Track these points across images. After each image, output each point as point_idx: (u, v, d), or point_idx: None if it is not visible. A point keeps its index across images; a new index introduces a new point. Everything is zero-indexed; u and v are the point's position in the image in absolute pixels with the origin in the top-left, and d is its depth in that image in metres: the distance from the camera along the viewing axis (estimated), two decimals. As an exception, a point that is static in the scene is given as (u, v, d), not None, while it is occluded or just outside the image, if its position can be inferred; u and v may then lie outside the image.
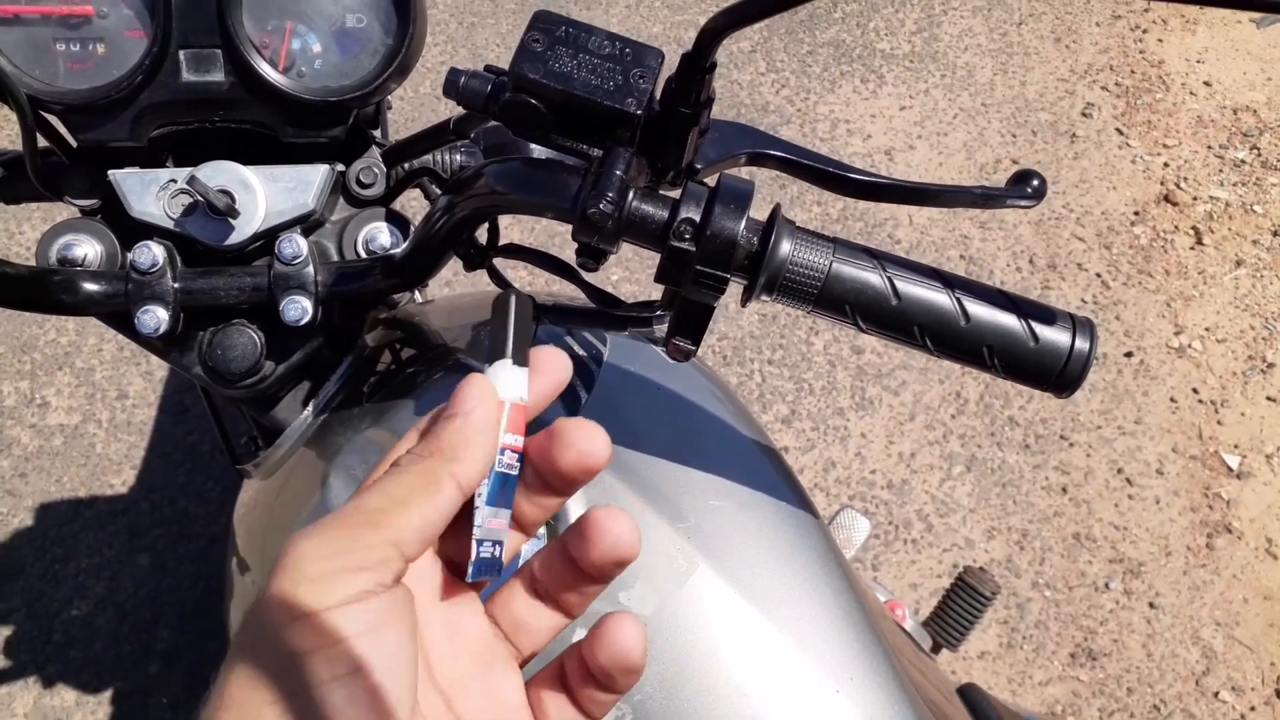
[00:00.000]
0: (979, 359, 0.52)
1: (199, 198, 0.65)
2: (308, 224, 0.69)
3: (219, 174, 0.66)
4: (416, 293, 1.09)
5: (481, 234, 0.72)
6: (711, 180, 0.53)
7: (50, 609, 1.77)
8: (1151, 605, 1.82)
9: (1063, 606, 1.80)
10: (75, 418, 1.95)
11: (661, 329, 0.59)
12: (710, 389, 0.72)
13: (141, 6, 0.65)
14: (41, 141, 0.66)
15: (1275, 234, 2.28)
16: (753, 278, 0.51)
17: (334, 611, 0.30)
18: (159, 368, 2.01)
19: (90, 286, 0.65)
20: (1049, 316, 0.52)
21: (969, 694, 0.73)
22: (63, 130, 0.68)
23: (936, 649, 1.25)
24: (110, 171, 0.67)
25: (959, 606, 1.23)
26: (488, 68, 0.57)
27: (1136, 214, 2.29)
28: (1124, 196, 2.32)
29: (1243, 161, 2.41)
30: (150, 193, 0.67)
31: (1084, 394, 2.03)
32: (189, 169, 0.66)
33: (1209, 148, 2.43)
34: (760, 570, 0.60)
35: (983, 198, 0.57)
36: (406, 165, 0.76)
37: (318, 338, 0.70)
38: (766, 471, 0.67)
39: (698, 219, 0.50)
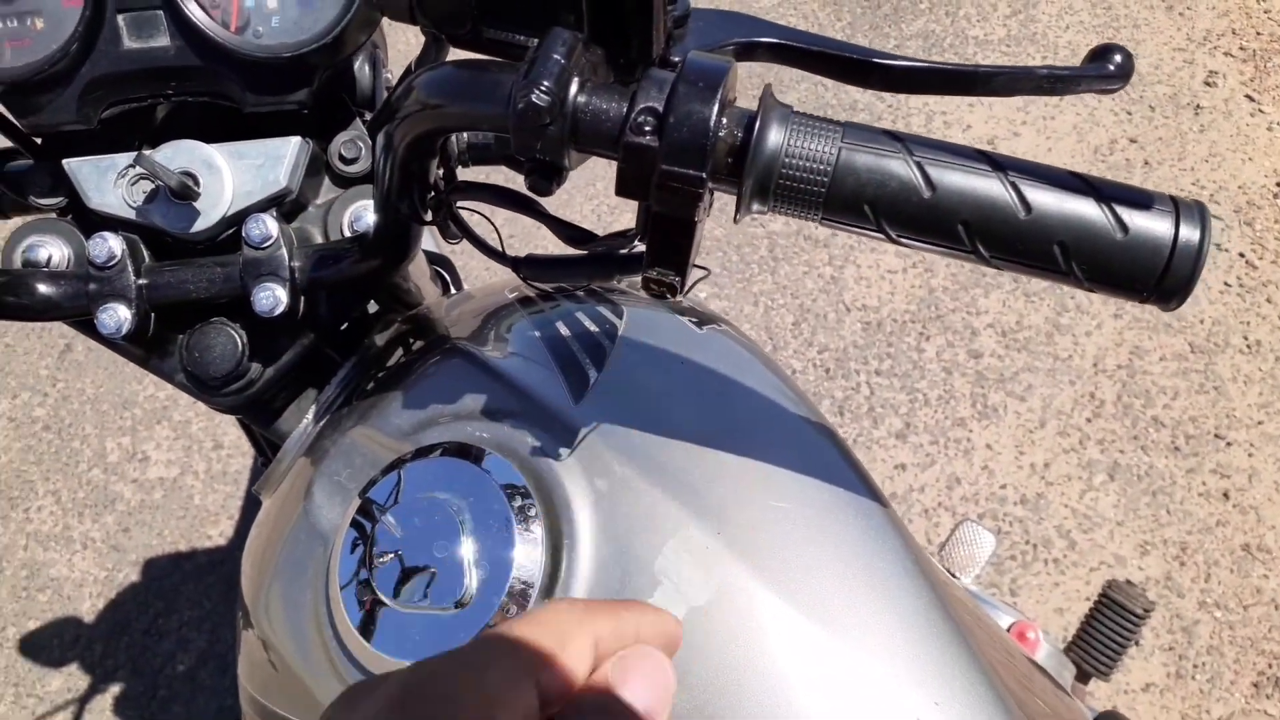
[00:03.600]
0: (1049, 264, 0.39)
1: (158, 182, 0.57)
2: (286, 206, 0.60)
3: (180, 154, 0.58)
4: (452, 289, 1.00)
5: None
6: None
7: (154, 664, 1.70)
8: (1344, 624, 1.53)
9: (1238, 629, 1.54)
10: (174, 470, 1.89)
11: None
12: (747, 360, 0.60)
13: None
14: (4, 143, 0.59)
15: None
16: (738, 179, 0.40)
17: None
18: (252, 416, 1.94)
19: (47, 289, 0.58)
20: (1141, 199, 0.38)
21: None
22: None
23: (1084, 678, 1.05)
24: (65, 161, 0.59)
25: (1105, 627, 1.03)
26: None
27: (1279, 184, 2.01)
28: (1262, 167, 2.05)
29: (1397, 120, 2.10)
30: (109, 181, 0.59)
31: (1238, 385, 1.76)
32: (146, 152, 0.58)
33: (1356, 108, 2.12)
34: (811, 574, 0.49)
35: (1051, 79, 0.44)
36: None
37: (307, 334, 0.61)
38: (819, 454, 0.55)
39: (661, 107, 0.39)
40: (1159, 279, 0.38)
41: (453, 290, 1.00)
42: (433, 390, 0.58)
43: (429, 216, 0.57)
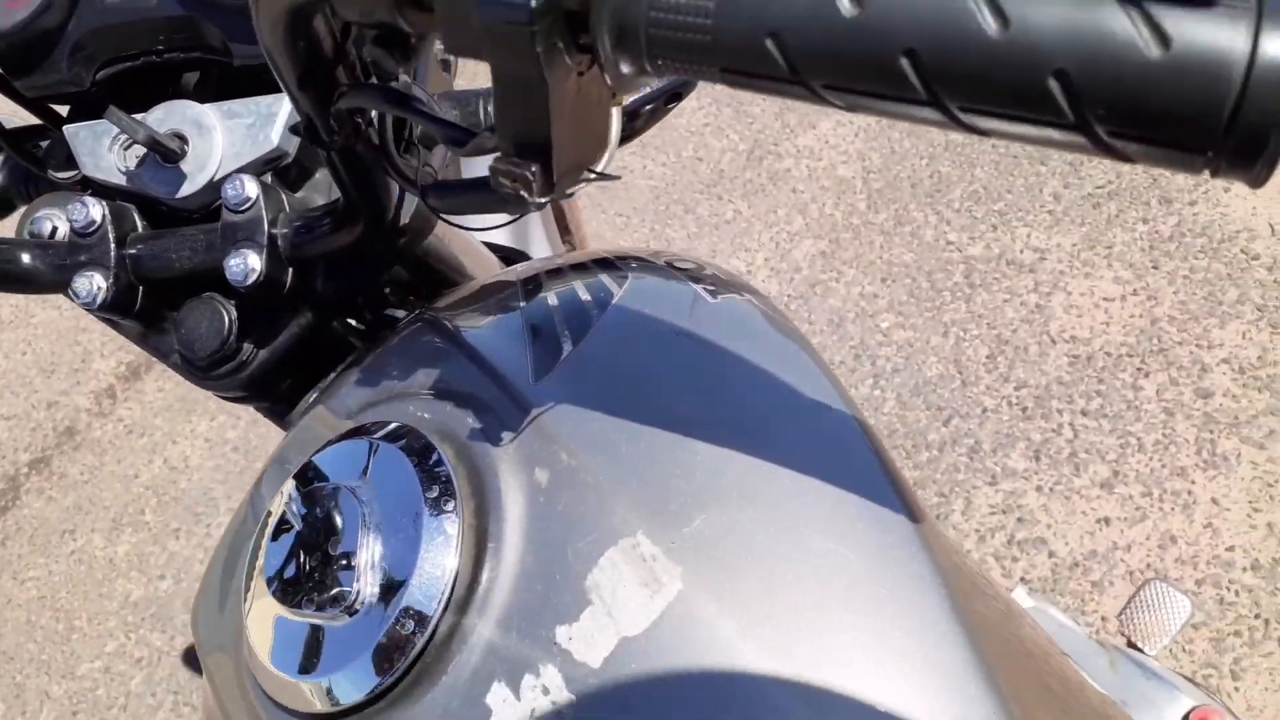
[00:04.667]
0: (1044, 109, 0.27)
1: (139, 143, 0.57)
2: (291, 174, 0.60)
3: (171, 115, 0.59)
4: None
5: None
6: None
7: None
8: None
9: None
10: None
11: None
12: (768, 336, 0.53)
13: None
14: (34, 121, 0.64)
15: None
16: (589, 18, 0.32)
17: None
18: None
19: (30, 258, 0.58)
20: None
21: None
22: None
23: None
24: (65, 127, 0.61)
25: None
26: None
27: None
28: None
29: None
30: (103, 146, 0.60)
31: None
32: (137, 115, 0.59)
33: None
34: (784, 602, 0.41)
35: None
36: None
37: (304, 312, 0.59)
38: (834, 453, 0.47)
39: None
40: (1228, 123, 0.25)
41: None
42: (388, 366, 0.56)
43: (332, 140, 0.51)
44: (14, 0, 0.60)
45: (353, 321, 0.65)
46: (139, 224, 0.60)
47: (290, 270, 0.57)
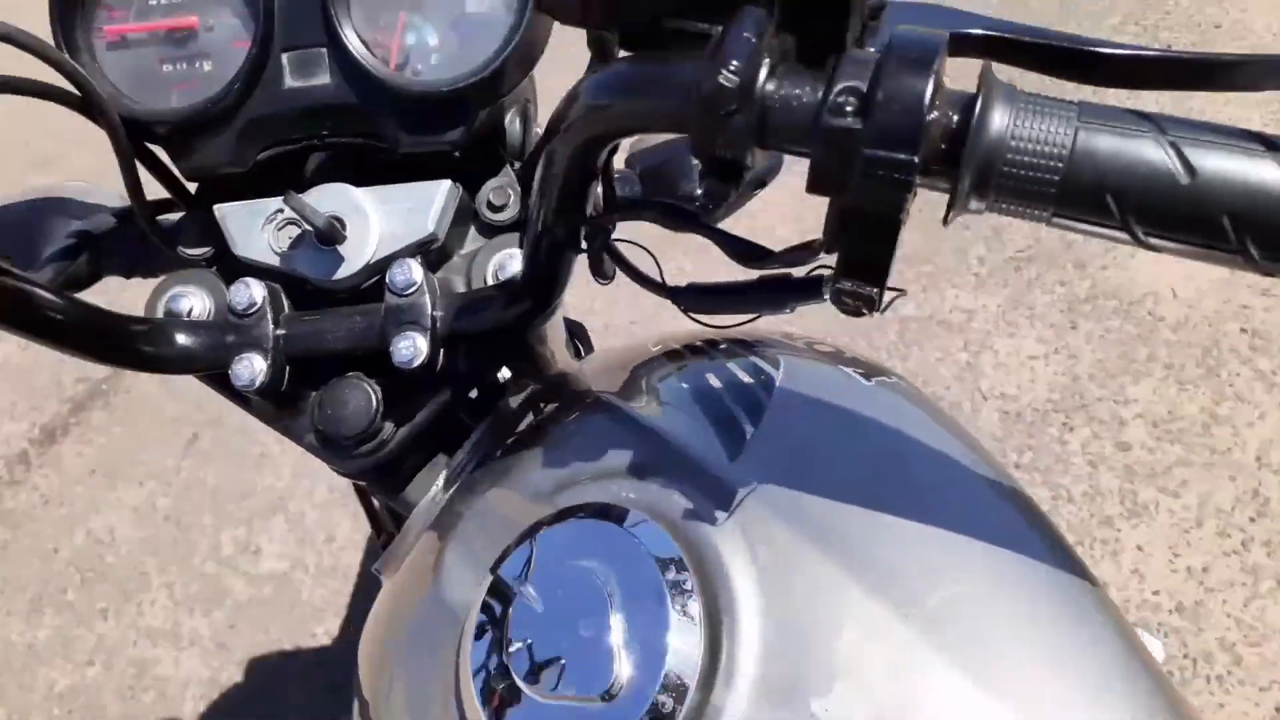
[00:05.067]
0: None
1: (303, 226, 0.60)
2: (431, 252, 0.62)
3: (327, 198, 0.61)
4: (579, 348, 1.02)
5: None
6: None
7: (257, 769, 1.81)
8: None
9: None
10: (285, 564, 2.03)
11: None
12: (923, 416, 0.57)
13: (246, 12, 0.62)
14: (162, 195, 0.65)
15: None
16: (954, 169, 0.37)
17: None
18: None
19: (185, 339, 0.59)
20: None
21: None
22: (180, 176, 0.66)
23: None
24: (216, 206, 0.63)
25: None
26: None
27: None
28: None
29: None
30: (256, 226, 0.62)
31: None
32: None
33: None
34: (1022, 668, 0.44)
35: None
36: None
37: (443, 390, 0.62)
38: (1015, 523, 0.51)
39: (864, 86, 0.36)
40: None
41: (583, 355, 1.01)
42: (573, 448, 0.57)
43: (584, 245, 0.56)
44: (184, 82, 0.63)
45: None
46: (285, 304, 0.61)
47: (441, 351, 0.59)
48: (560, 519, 0.50)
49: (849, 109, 0.36)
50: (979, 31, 0.45)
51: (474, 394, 0.67)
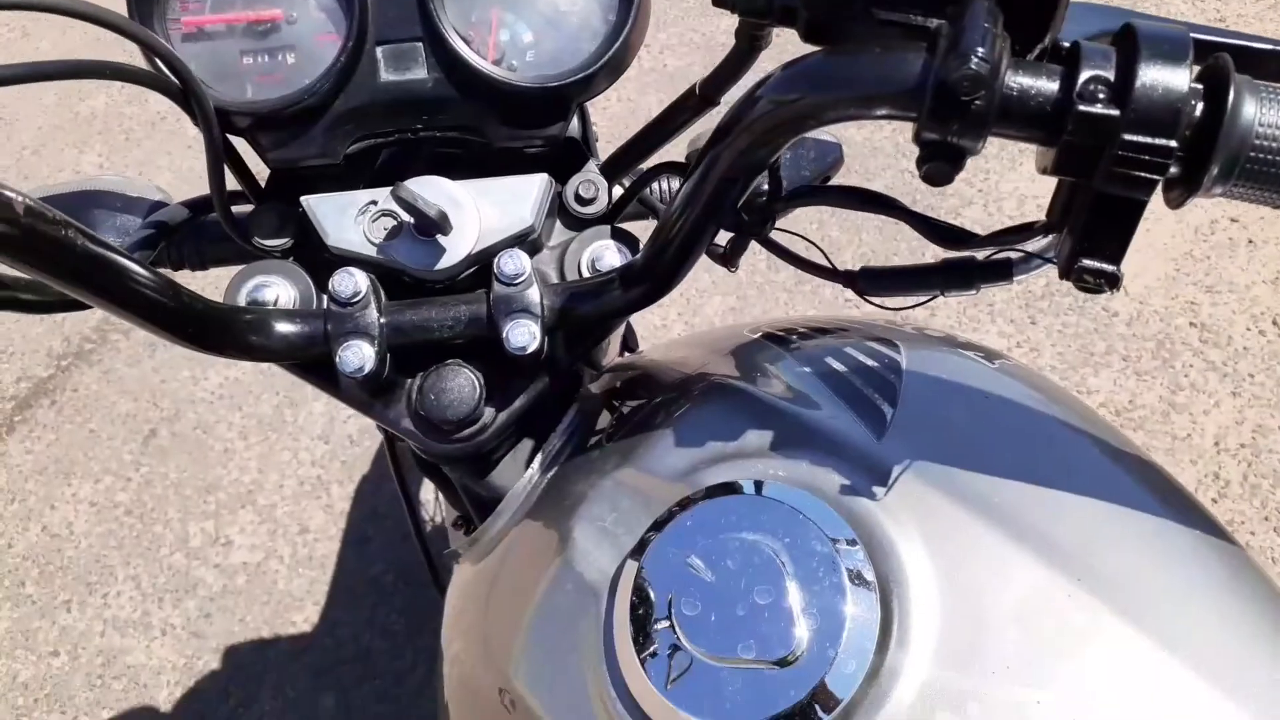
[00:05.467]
0: None
1: (405, 217, 0.60)
2: (526, 244, 0.63)
3: (425, 189, 0.60)
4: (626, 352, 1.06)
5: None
6: None
7: (235, 757, 1.77)
8: None
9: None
10: (258, 555, 2.00)
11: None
12: (1051, 394, 0.59)
13: (335, 5, 0.63)
14: (231, 185, 0.64)
15: None
16: (1206, 156, 0.39)
17: None
18: (340, 499, 2.06)
19: (284, 327, 0.59)
20: None
21: None
22: (252, 168, 0.66)
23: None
24: (303, 198, 0.63)
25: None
26: None
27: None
28: (1375, 247, 2.17)
29: None
30: (348, 218, 0.61)
31: (1371, 465, 1.83)
32: (390, 188, 0.60)
33: None
34: (1199, 628, 0.46)
35: None
36: (626, 180, 0.72)
37: (542, 377, 0.63)
38: (1161, 490, 0.53)
39: (1112, 76, 0.39)
40: None
41: (626, 354, 1.04)
42: (705, 427, 0.58)
43: (743, 234, 0.58)
44: (267, 74, 0.63)
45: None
46: (383, 295, 0.61)
47: (545, 339, 0.59)
48: (714, 494, 0.51)
49: (1101, 96, 0.39)
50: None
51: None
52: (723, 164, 0.50)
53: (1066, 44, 0.45)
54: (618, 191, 0.71)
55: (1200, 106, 0.39)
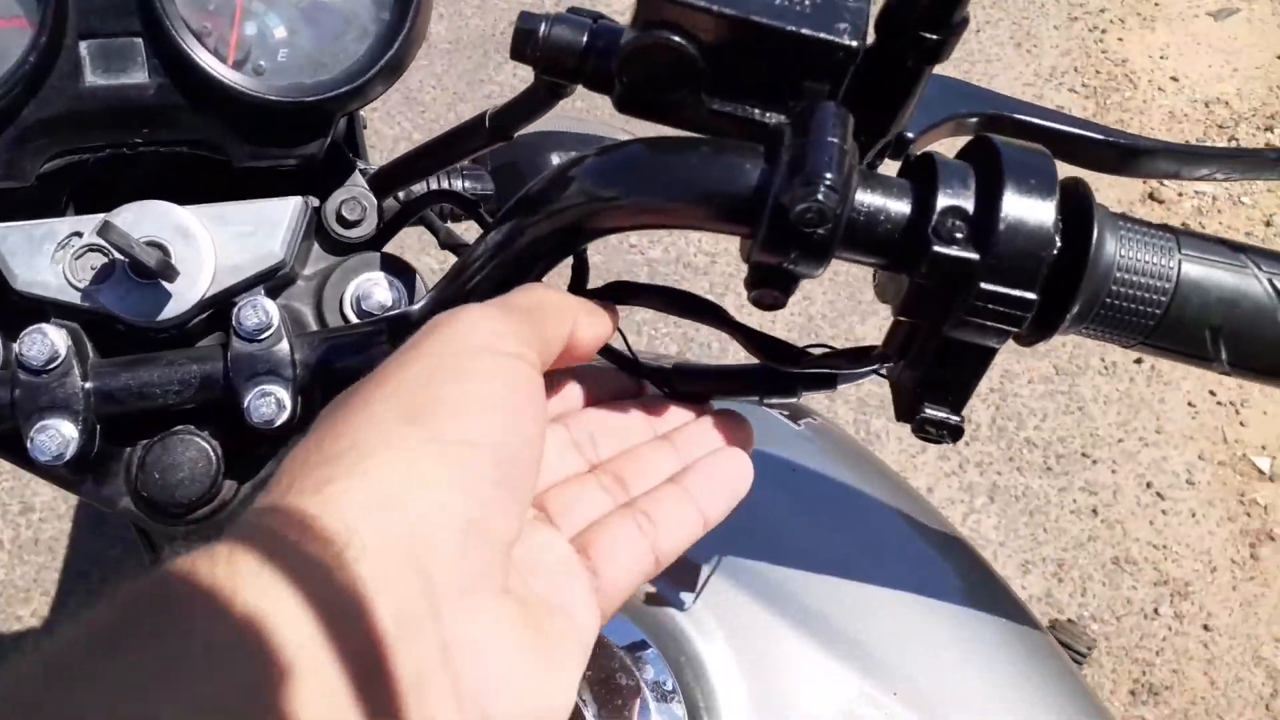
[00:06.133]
0: None
1: (116, 255, 0.49)
2: (275, 281, 0.53)
3: (145, 218, 0.50)
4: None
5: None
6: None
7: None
8: (1206, 628, 1.78)
9: (1114, 639, 1.75)
10: (-27, 540, 1.79)
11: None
12: (854, 460, 0.58)
13: None
14: None
15: (1268, 224, 2.32)
16: (1061, 301, 0.36)
17: (490, 354, 0.34)
18: (68, 473, 1.87)
19: None
20: None
21: None
22: None
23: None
24: None
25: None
26: (575, 10, 0.42)
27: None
28: (1107, 198, 2.34)
29: (1221, 153, 2.47)
30: (44, 254, 0.50)
31: (1099, 405, 2.01)
32: (100, 216, 0.49)
33: (1187, 143, 2.48)
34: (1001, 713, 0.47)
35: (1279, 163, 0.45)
36: (401, 195, 0.62)
37: (294, 440, 0.52)
38: (967, 576, 0.53)
39: (970, 207, 0.35)
40: None
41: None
42: None
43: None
44: None
45: None
46: (90, 349, 0.50)
47: (300, 400, 0.49)
48: None
49: (959, 235, 0.35)
50: (1000, 114, 0.44)
51: None
52: (526, 239, 0.43)
53: (911, 135, 0.42)
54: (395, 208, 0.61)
55: (1058, 244, 0.36)
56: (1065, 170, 0.38)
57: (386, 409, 0.33)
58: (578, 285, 0.48)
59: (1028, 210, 0.34)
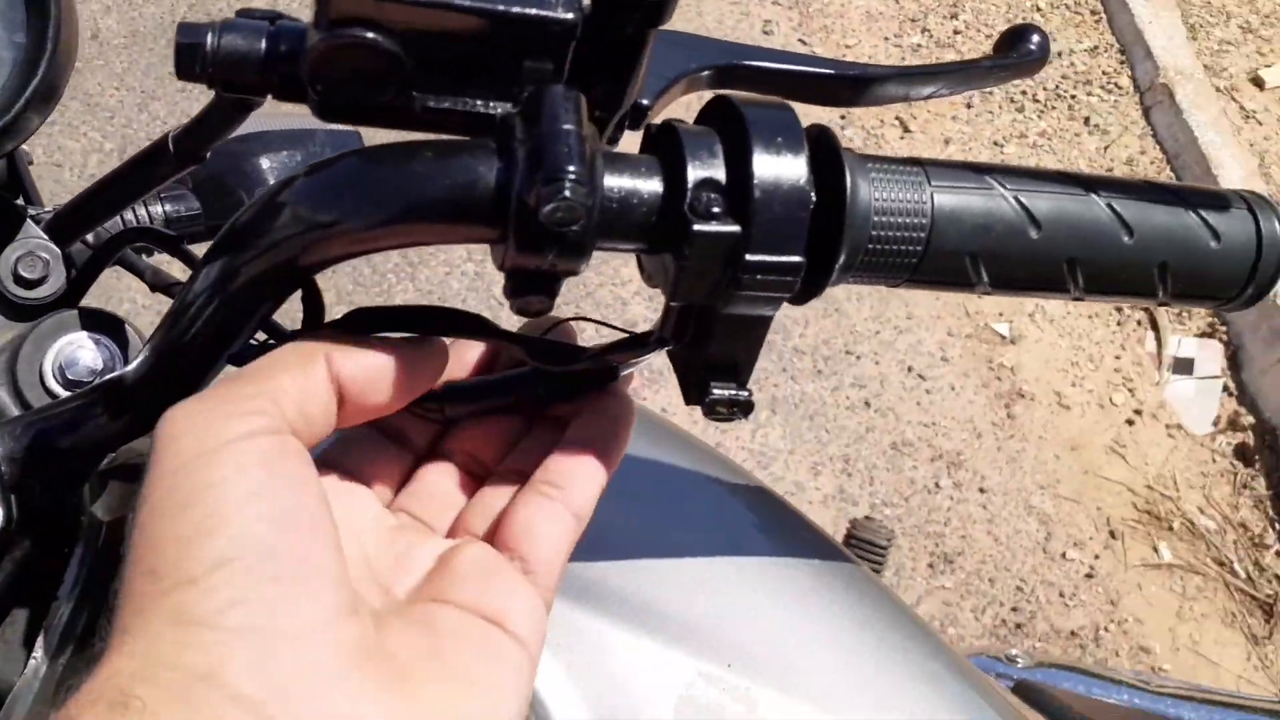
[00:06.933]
0: (1146, 288, 0.39)
1: None
2: None
3: None
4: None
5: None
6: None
7: None
8: (981, 490, 1.93)
9: (905, 520, 1.87)
10: None
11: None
12: (650, 426, 0.56)
13: None
14: None
15: (968, 105, 2.51)
16: (825, 257, 0.35)
17: (228, 447, 0.30)
18: None
19: None
20: (1219, 201, 0.40)
21: None
22: None
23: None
24: None
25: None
26: (245, 12, 0.36)
27: (842, 116, 2.44)
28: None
29: (919, 46, 2.63)
30: None
31: (853, 304, 2.12)
32: None
33: (885, 39, 2.63)
34: (844, 677, 0.47)
35: (992, 70, 0.46)
36: (90, 238, 0.55)
37: (21, 543, 0.46)
38: (778, 522, 0.53)
39: (722, 177, 0.33)
40: (1248, 280, 0.40)
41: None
42: None
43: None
44: None
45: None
46: None
47: (13, 497, 0.41)
48: None
49: (716, 209, 0.33)
50: (747, 62, 0.43)
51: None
52: (242, 280, 0.37)
53: (646, 103, 0.39)
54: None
55: (814, 199, 0.34)
56: (803, 114, 0.36)
57: (144, 584, 0.30)
58: (312, 323, 0.41)
59: (780, 170, 0.33)
